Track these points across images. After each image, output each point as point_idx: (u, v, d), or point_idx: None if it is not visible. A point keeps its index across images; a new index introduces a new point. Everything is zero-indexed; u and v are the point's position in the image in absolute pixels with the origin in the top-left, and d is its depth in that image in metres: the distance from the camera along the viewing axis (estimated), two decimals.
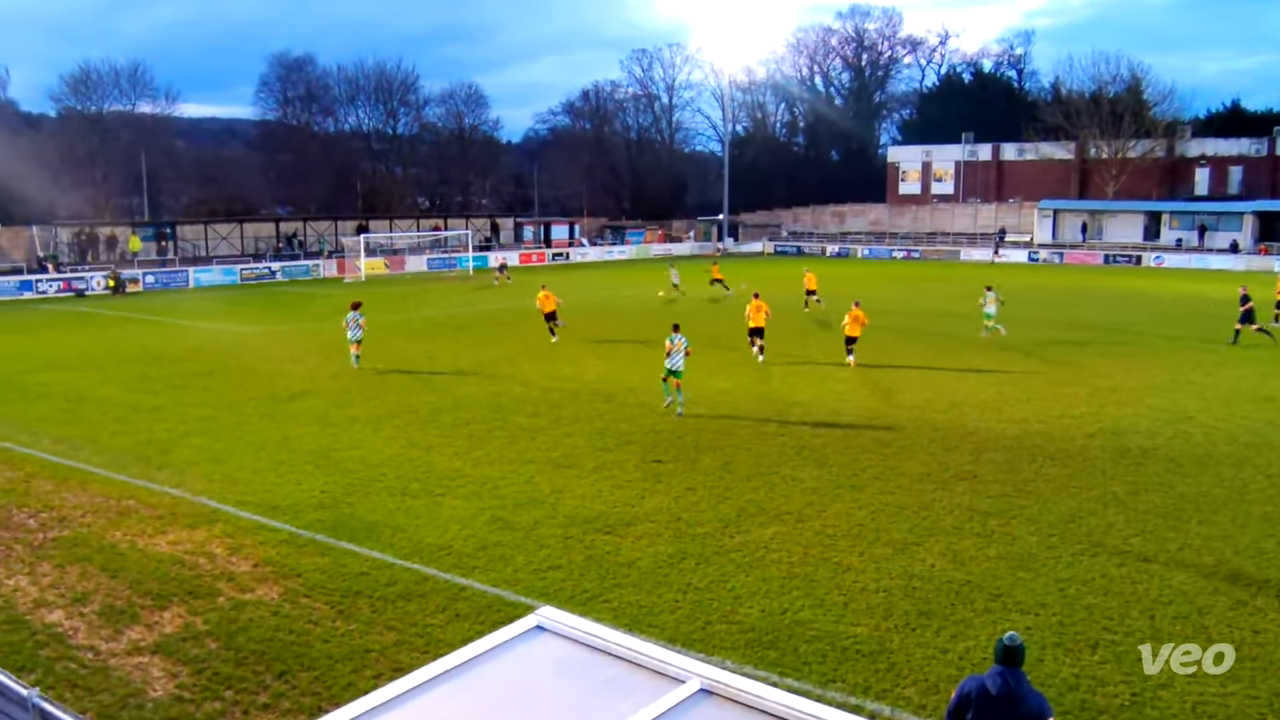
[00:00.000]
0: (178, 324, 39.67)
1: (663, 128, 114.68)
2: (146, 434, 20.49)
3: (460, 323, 38.68)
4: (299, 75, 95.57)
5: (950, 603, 11.93)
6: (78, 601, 12.08)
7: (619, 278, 60.76)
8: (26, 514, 15.37)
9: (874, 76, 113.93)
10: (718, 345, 31.53)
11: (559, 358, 29.64)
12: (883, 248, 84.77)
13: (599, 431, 20.41)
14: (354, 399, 23.93)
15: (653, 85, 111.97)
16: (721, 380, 26.03)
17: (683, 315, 32.28)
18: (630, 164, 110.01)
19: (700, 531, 14.36)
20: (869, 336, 33.67)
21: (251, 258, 66.83)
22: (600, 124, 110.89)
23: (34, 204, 65.48)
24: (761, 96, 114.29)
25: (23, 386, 25.93)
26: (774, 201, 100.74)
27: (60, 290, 53.19)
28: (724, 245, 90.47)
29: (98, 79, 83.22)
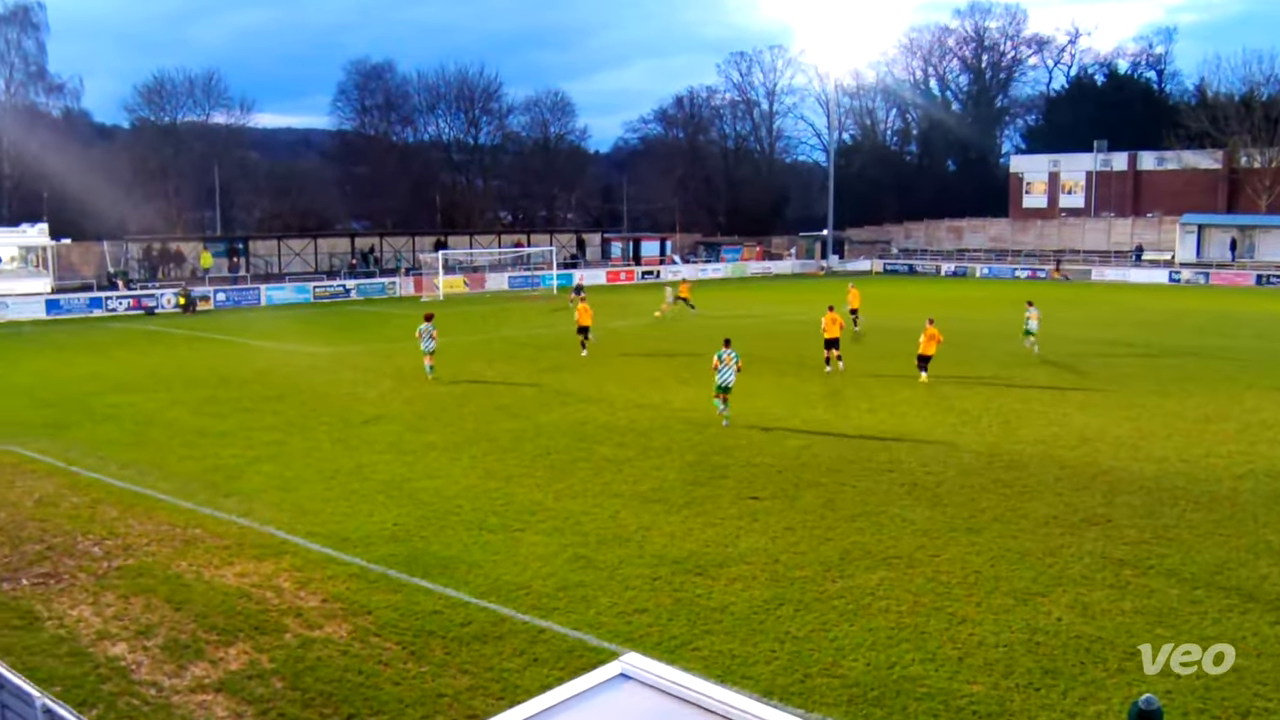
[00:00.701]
0: (248, 344, 40.80)
1: (762, 136, 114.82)
2: (214, 459, 21.08)
3: (542, 344, 39.05)
4: (377, 83, 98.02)
5: (1079, 661, 11.59)
6: (141, 634, 12.44)
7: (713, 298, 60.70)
8: (91, 541, 15.91)
9: (995, 79, 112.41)
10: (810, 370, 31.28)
11: (646, 383, 29.71)
12: (1004, 266, 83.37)
13: (690, 464, 20.38)
14: (430, 425, 24.30)
15: (752, 90, 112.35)
16: (824, 410, 25.81)
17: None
18: (727, 175, 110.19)
19: (800, 575, 14.21)
20: (987, 365, 33.08)
21: (325, 275, 68.53)
22: (695, 132, 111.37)
23: (105, 218, 68.15)
24: (870, 102, 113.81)
25: (91, 408, 26.91)
26: (883, 216, 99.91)
27: (130, 308, 55.14)
28: (828, 263, 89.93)
29: (171, 89, 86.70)
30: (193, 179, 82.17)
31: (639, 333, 43.15)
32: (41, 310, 52.88)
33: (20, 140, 73.42)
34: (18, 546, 15.66)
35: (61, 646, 12.12)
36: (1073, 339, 39.80)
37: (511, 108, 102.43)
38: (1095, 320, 47.95)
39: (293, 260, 72.09)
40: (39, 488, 19.05)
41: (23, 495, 18.56)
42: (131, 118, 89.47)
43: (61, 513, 17.45)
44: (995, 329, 39.59)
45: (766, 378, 30.69)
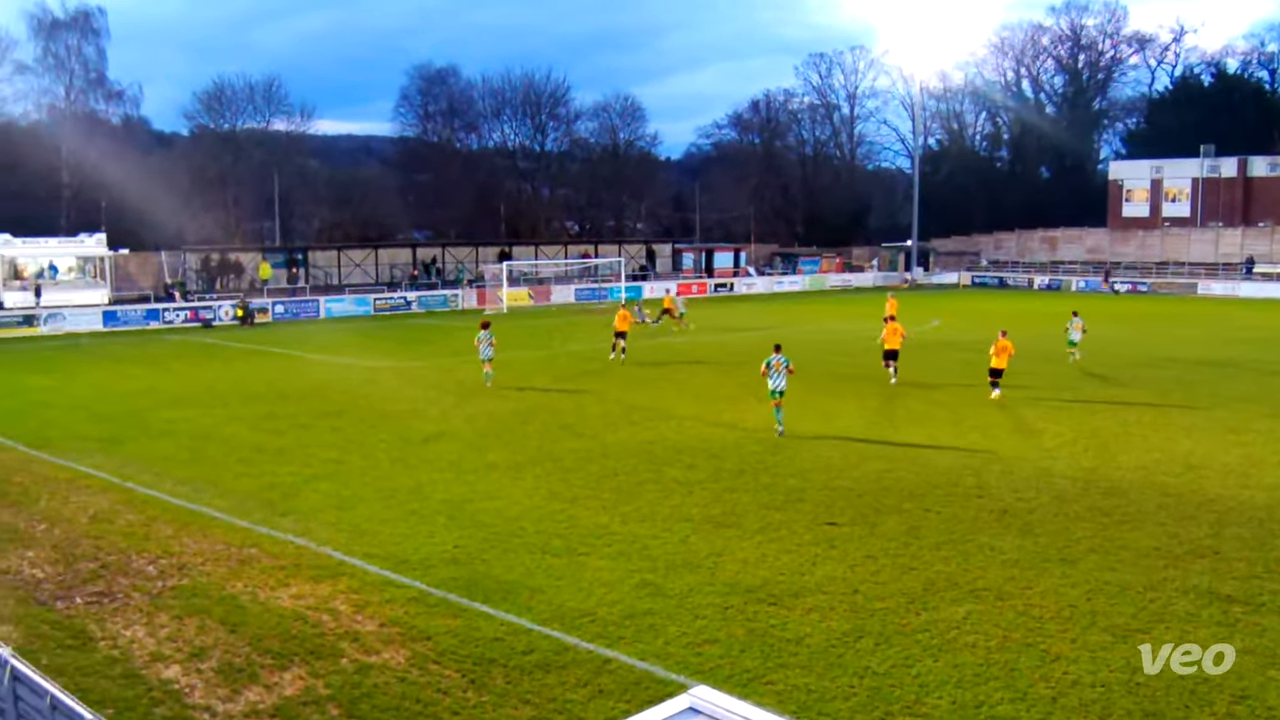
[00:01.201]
0: (306, 358, 41.48)
1: (843, 141, 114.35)
2: (271, 477, 21.44)
3: (613, 361, 39.15)
4: (441, 88, 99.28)
5: (1183, 704, 11.32)
6: (195, 657, 12.66)
7: (789, 312, 60.54)
8: (146, 560, 16.25)
9: (1093, 80, 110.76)
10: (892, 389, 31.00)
11: (720, 400, 29.67)
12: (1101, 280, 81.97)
13: (764, 487, 20.29)
14: (492, 444, 24.49)
15: (832, 94, 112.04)
16: (908, 431, 25.55)
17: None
18: (805, 183, 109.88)
19: (880, 606, 14.07)
20: (1084, 384, 32.57)
21: (386, 286, 69.47)
22: (771, 138, 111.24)
23: (163, 228, 69.75)
24: (958, 105, 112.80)
25: (147, 423, 27.53)
26: (972, 226, 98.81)
27: (187, 320, 56.39)
28: (912, 276, 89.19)
29: (231, 95, 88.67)
30: (252, 187, 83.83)
31: (713, 347, 43.10)
32: (99, 322, 54.32)
33: (80, 149, 75.51)
34: (72, 564, 16.05)
35: (115, 668, 12.38)
36: (1175, 359, 39.01)
37: (579, 113, 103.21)
38: (1201, 338, 46.97)
39: (353, 271, 73.19)
40: (94, 504, 19.52)
41: (77, 511, 19.03)
42: (191, 125, 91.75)
43: (116, 530, 17.86)
44: (1094, 345, 38.93)
45: (846, 397, 30.50)
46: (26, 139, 76.39)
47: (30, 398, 31.90)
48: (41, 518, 18.65)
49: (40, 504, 19.55)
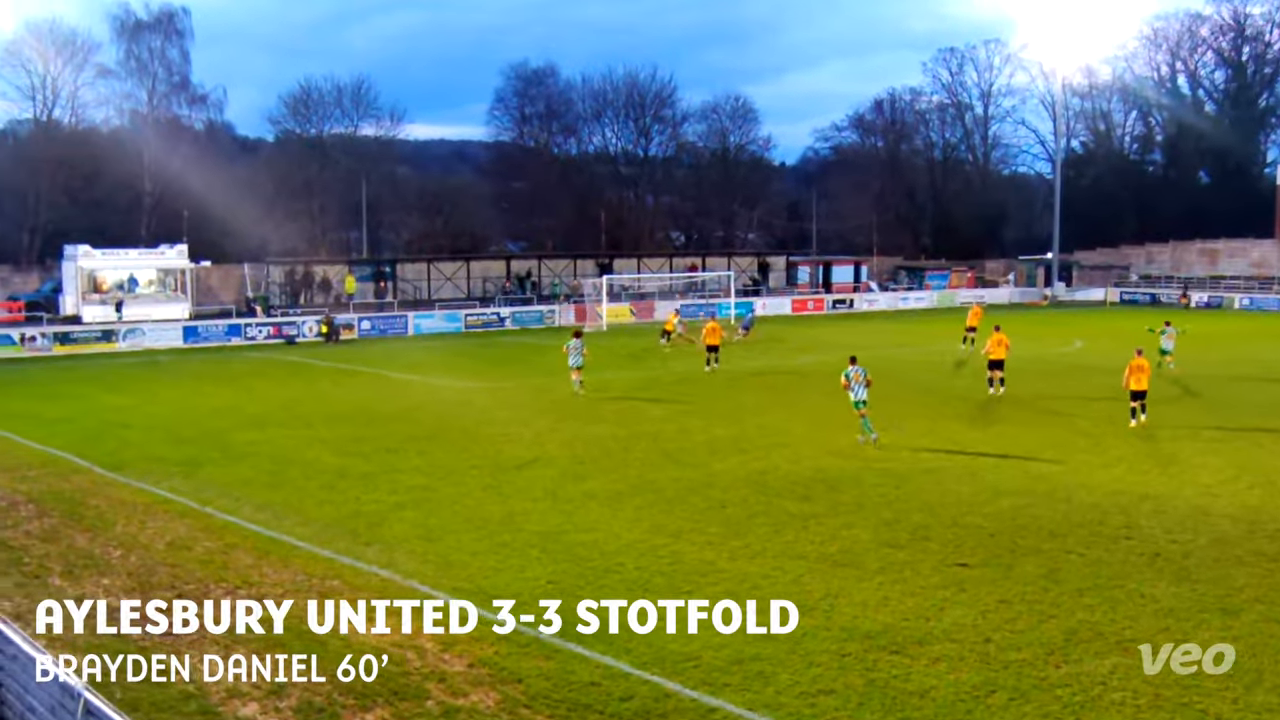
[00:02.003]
0: (393, 377, 42.17)
1: (975, 144, 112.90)
2: (355, 504, 21.81)
3: (719, 382, 39.10)
4: (538, 89, 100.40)
5: None
6: (274, 694, 12.90)
7: (915, 331, 59.85)
8: (224, 589, 16.62)
9: (1259, 75, 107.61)
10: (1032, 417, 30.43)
11: (838, 427, 29.39)
12: (1271, 297, 79.53)
13: (887, 523, 20.04)
14: (589, 471, 24.60)
15: (964, 92, 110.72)
16: (1047, 463, 25.03)
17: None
18: (933, 190, 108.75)
19: (1015, 658, 13.78)
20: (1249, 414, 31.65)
21: (478, 301, 70.36)
22: (896, 141, 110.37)
23: (246, 239, 71.56)
24: (1105, 103, 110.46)
25: (227, 445, 28.24)
26: (1120, 237, 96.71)
27: (270, 336, 57.78)
28: (1052, 292, 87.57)
29: (318, 98, 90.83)
30: (338, 196, 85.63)
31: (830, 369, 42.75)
32: (179, 338, 55.97)
33: (162, 156, 77.94)
34: (148, 593, 16.48)
35: (190, 704, 12.67)
36: None
37: (686, 115, 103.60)
38: None
39: (443, 285, 74.26)
40: (171, 530, 20.06)
41: (154, 537, 19.57)
42: (276, 130, 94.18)
43: (194, 557, 18.32)
44: (1261, 371, 37.78)
45: (978, 425, 30.04)
46: (108, 146, 79.21)
47: (107, 417, 32.95)
48: (118, 544, 19.22)
49: (117, 529, 20.16)
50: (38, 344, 53.05)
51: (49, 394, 38.59)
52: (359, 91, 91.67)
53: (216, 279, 70.13)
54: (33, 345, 52.82)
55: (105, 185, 77.93)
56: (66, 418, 32.72)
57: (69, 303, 60.95)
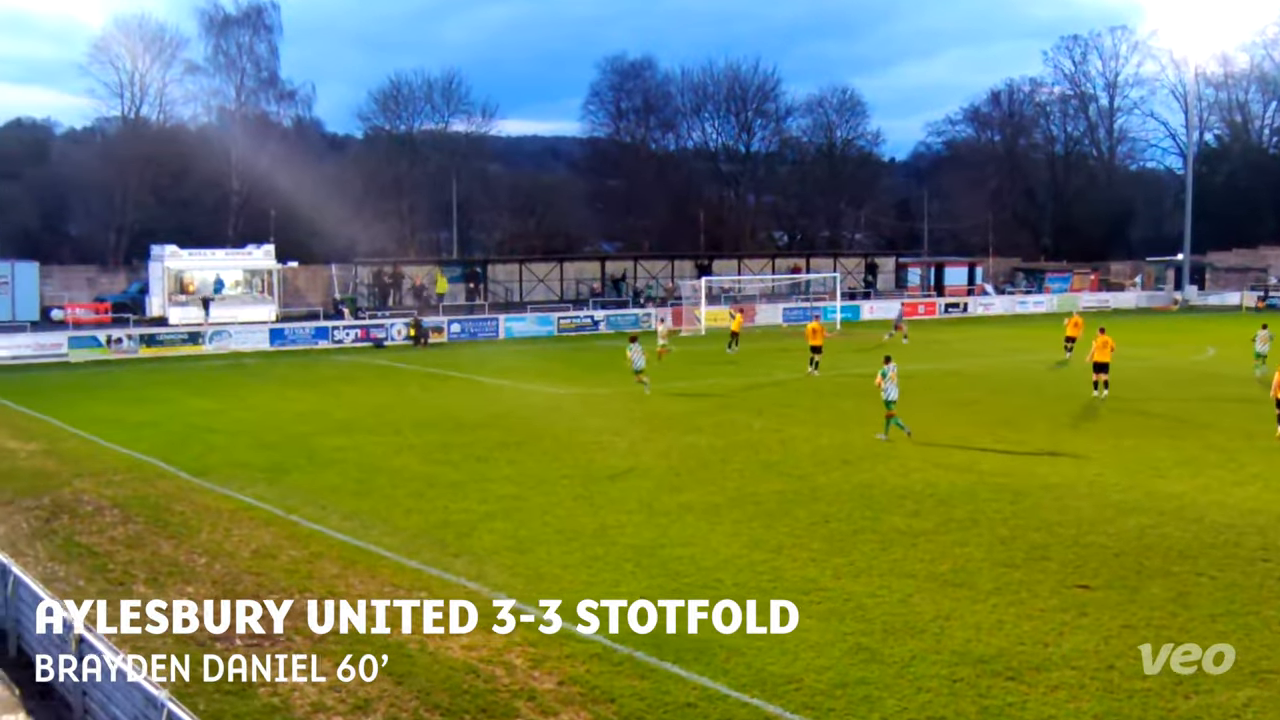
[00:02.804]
0: (483, 382, 42.58)
1: (1100, 138, 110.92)
2: (443, 514, 22.04)
3: (823, 390, 38.88)
4: (635, 83, 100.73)
5: None
6: (359, 709, 13.08)
7: (1034, 337, 58.89)
8: (309, 600, 16.89)
9: None
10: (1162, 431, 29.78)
11: (950, 439, 29.08)
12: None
13: (1002, 540, 19.76)
14: (686, 482, 24.59)
15: (1087, 82, 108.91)
16: (1177, 480, 24.47)
17: None
18: (1054, 187, 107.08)
19: (1141, 687, 13.49)
20: None
21: (571, 304, 70.70)
22: (1014, 135, 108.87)
23: (334, 239, 72.74)
24: (1242, 93, 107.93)
25: (313, 451, 28.74)
26: (1258, 237, 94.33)
27: (358, 339, 58.71)
28: (1182, 295, 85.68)
29: (409, 94, 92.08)
30: (428, 194, 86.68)
31: (941, 377, 42.33)
32: (265, 340, 57.13)
33: (249, 153, 79.59)
34: (232, 602, 16.78)
35: (274, 717, 12.90)
36: None
37: (790, 109, 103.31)
38: None
39: (535, 287, 74.77)
40: (256, 538, 20.46)
41: (239, 545, 19.98)
42: (365, 127, 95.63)
43: (279, 566, 18.66)
44: None
45: (1104, 438, 29.47)
46: (195, 143, 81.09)
47: (193, 422, 33.70)
48: (202, 551, 19.66)
49: (201, 536, 20.61)
50: (124, 346, 54.50)
51: (135, 397, 39.61)
52: (450, 86, 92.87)
53: (304, 280, 71.42)
54: (119, 347, 54.28)
55: (192, 184, 79.79)
56: (152, 422, 33.56)
57: (155, 304, 62.58)
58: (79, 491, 24.27)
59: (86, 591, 17.38)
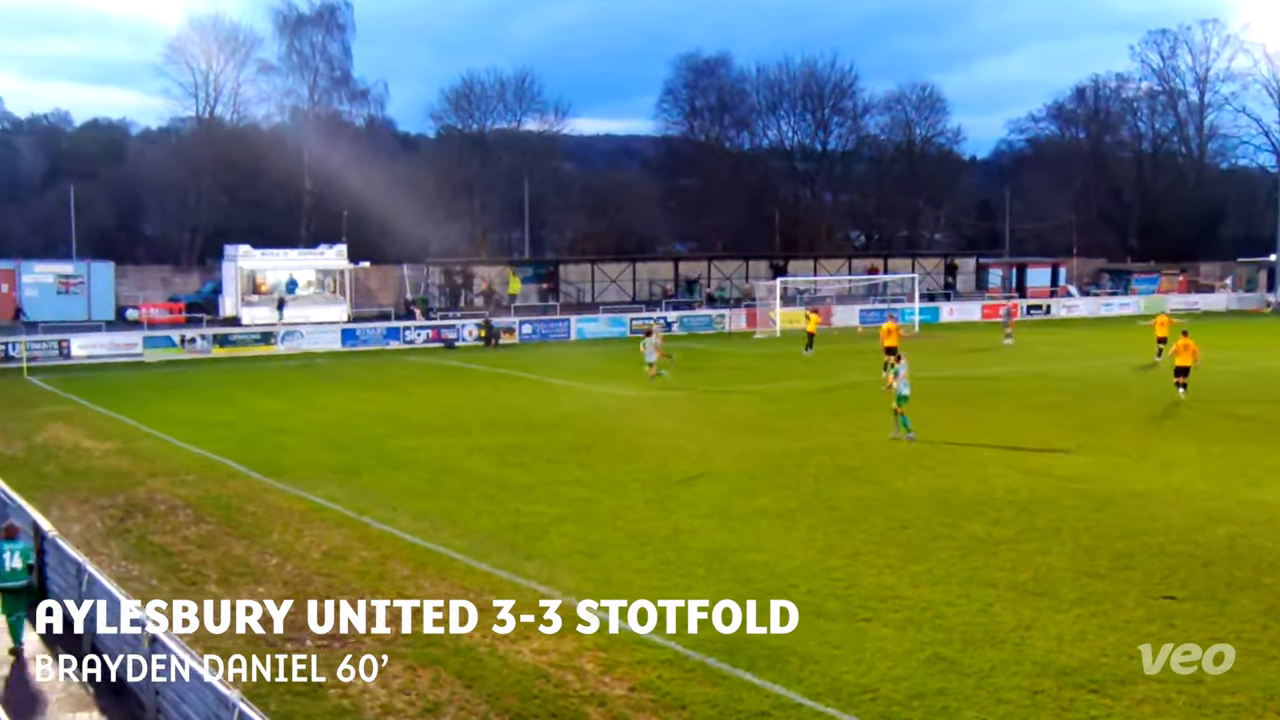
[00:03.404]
0: (555, 384, 42.75)
1: (1189, 135, 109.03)
2: (514, 516, 22.16)
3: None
4: (709, 80, 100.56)
5: None
6: (429, 712, 13.19)
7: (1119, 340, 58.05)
8: (380, 602, 17.05)
9: None
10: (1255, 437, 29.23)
11: (1032, 444, 28.74)
12: None
13: (1086, 550, 19.49)
14: (760, 486, 24.52)
15: (1177, 78, 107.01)
16: (1271, 489, 23.96)
17: None
18: (1140, 185, 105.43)
19: (1230, 702, 13.25)
20: None
21: (644, 305, 70.73)
22: (1099, 132, 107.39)
23: (405, 239, 73.37)
24: None
25: (383, 452, 29.02)
26: None
27: (429, 340, 59.19)
28: (1276, 297, 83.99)
29: (480, 92, 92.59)
30: (500, 194, 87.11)
31: (1022, 380, 41.87)
32: (337, 340, 57.76)
33: (322, 153, 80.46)
34: (303, 603, 16.99)
35: (344, 719, 13.04)
36: None
37: (868, 106, 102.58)
38: None
39: (607, 288, 74.93)
40: (328, 539, 20.71)
41: (311, 546, 20.23)
42: (437, 126, 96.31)
43: (349, 567, 18.87)
44: None
45: (1192, 443, 28.98)
46: (268, 143, 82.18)
47: (264, 422, 34.17)
48: (274, 551, 19.93)
49: (273, 536, 20.90)
50: (197, 346, 55.37)
51: (207, 397, 40.25)
52: (522, 85, 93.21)
53: (375, 280, 72.12)
54: (192, 347, 55.16)
55: (265, 184, 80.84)
56: (224, 422, 34.07)
57: (228, 304, 63.52)
58: (153, 491, 24.72)
59: (159, 591, 17.69)
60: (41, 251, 72.55)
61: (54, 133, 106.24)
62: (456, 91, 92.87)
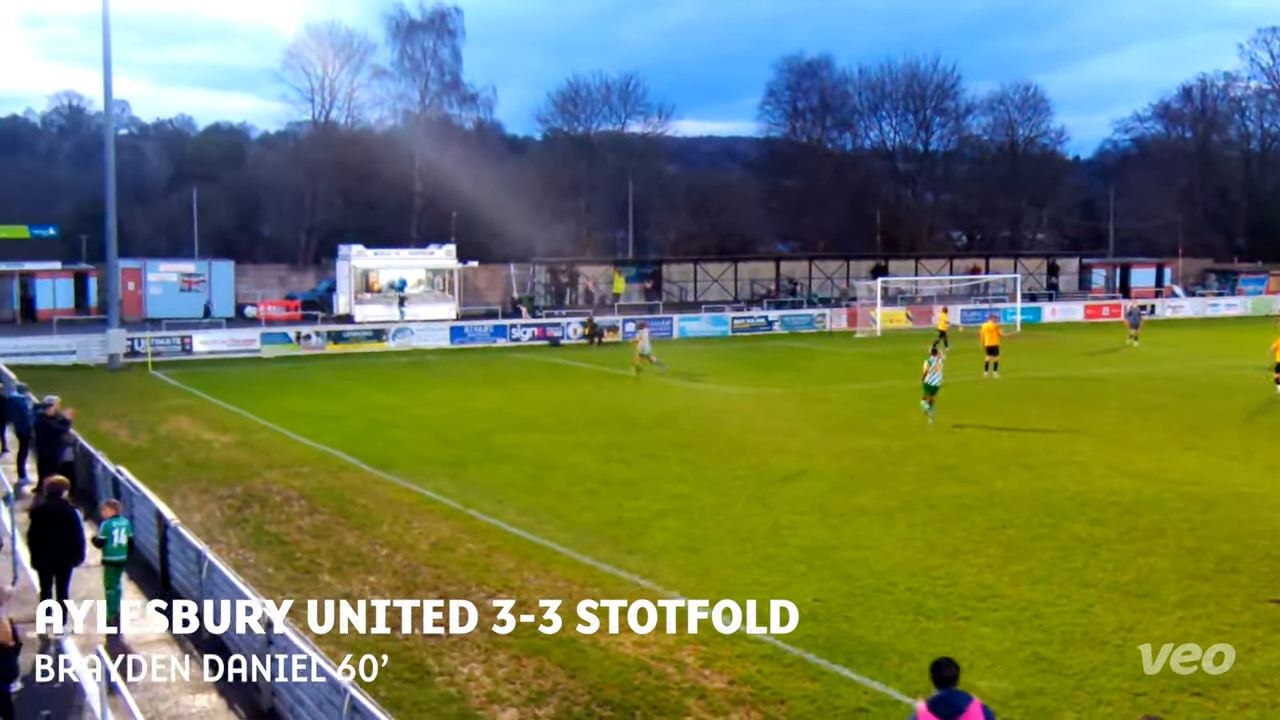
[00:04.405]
0: (656, 382, 42.79)
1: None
2: (617, 511, 22.26)
3: (1001, 391, 38.04)
4: (811, 82, 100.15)
5: None
6: (533, 701, 13.31)
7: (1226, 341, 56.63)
8: (485, 592, 17.25)
9: None
10: None
11: (1136, 446, 28.17)
12: None
13: (1189, 552, 19.06)
14: (860, 485, 24.36)
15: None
16: None
17: None
18: (1248, 185, 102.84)
19: None
20: None
21: (746, 304, 70.61)
22: (1206, 131, 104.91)
23: (512, 239, 74.06)
24: None
25: (490, 447, 29.30)
26: None
27: (535, 338, 59.60)
28: None
29: (587, 95, 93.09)
30: (605, 195, 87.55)
31: (1126, 382, 41.04)
32: (446, 338, 58.42)
33: (433, 156, 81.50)
34: (411, 593, 17.28)
35: (451, 706, 13.20)
36: None
37: (970, 106, 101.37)
38: None
39: (709, 287, 74.95)
40: (436, 530, 20.98)
41: (419, 537, 20.51)
42: (544, 129, 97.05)
43: (457, 559, 19.10)
44: None
45: None
46: (381, 146, 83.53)
47: (376, 417, 34.68)
48: (384, 542, 20.24)
49: (383, 528, 21.22)
50: (312, 342, 56.36)
51: (322, 391, 40.95)
52: (627, 88, 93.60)
53: (483, 279, 72.84)
54: (307, 343, 56.16)
55: (378, 186, 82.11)
56: (337, 416, 34.65)
57: (342, 302, 64.60)
58: (269, 482, 25.23)
59: (275, 579, 18.07)
60: (166, 251, 74.48)
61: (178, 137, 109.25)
62: (563, 95, 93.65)
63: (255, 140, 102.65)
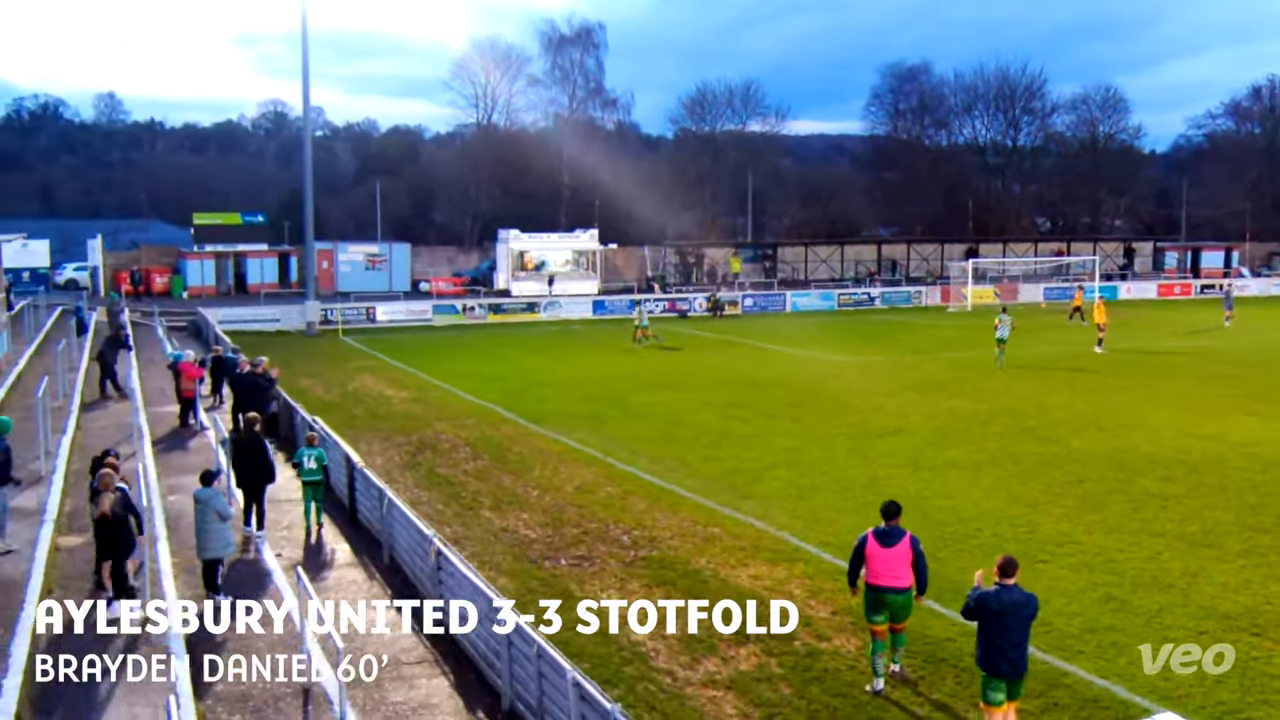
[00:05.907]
0: (771, 349, 42.61)
1: None
2: (735, 462, 22.25)
3: (1081, 363, 37.04)
4: (912, 85, 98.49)
5: None
6: (662, 624, 13.39)
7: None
8: (621, 530, 17.42)
9: None
10: None
11: (1203, 411, 27.23)
12: None
13: (1251, 506, 18.41)
14: (950, 441, 23.98)
15: None
16: None
17: None
18: None
19: None
20: None
21: (851, 282, 69.97)
22: (1273, 127, 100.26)
23: (647, 225, 74.57)
24: None
25: (626, 405, 29.48)
26: None
27: (665, 310, 59.63)
28: None
29: (713, 99, 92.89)
30: (727, 186, 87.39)
31: (1195, 354, 39.66)
32: (589, 310, 58.87)
33: (578, 153, 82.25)
34: (559, 529, 17.54)
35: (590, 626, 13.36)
36: None
37: (1055, 106, 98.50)
38: None
39: (819, 267, 74.54)
40: (579, 475, 21.21)
41: (565, 481, 20.76)
42: (675, 129, 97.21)
43: (597, 500, 19.30)
44: None
45: None
46: (534, 145, 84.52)
47: (530, 377, 35.10)
48: (535, 485, 20.53)
49: (535, 473, 21.52)
50: (476, 313, 57.37)
51: (484, 355, 41.58)
52: (748, 92, 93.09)
53: (621, 260, 73.25)
54: (472, 314, 57.19)
55: (531, 179, 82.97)
56: (497, 376, 35.14)
57: (501, 279, 65.61)
58: (439, 432, 25.75)
59: (444, 514, 18.48)
60: (354, 235, 76.06)
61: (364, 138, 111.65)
62: (692, 99, 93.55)
63: (428, 140, 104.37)
